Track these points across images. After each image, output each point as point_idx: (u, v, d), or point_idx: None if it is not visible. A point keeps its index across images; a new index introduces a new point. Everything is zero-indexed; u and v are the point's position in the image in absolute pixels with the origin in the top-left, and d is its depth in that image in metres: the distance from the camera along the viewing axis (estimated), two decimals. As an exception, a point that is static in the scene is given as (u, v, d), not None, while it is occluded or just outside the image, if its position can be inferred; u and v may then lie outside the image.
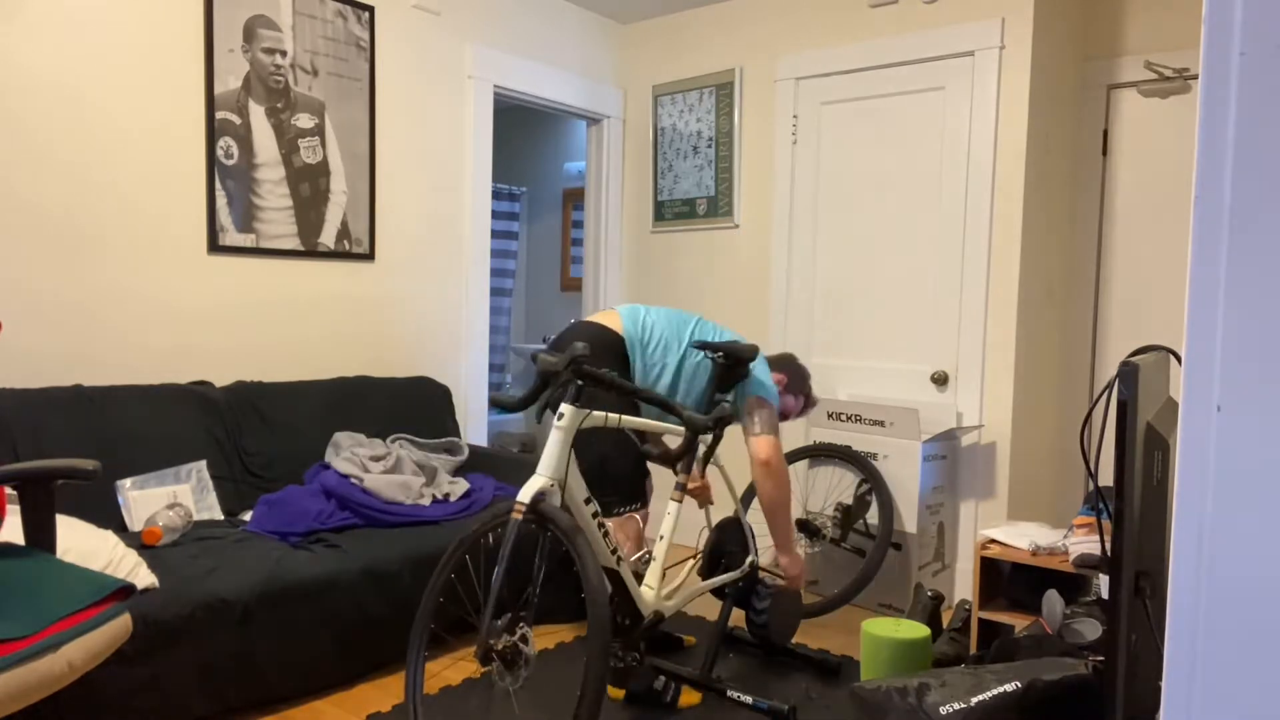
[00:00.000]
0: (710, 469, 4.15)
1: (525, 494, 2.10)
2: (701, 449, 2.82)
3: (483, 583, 2.72)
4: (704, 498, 2.97)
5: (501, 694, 2.57)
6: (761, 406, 2.73)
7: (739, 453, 4.13)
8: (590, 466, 2.71)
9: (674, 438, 3.09)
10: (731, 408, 2.47)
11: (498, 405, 2.19)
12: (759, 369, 2.84)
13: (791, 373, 3.07)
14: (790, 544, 2.79)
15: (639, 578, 2.55)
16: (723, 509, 4.15)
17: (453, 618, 2.73)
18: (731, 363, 2.69)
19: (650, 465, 3.05)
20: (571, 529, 2.06)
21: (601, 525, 2.30)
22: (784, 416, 3.06)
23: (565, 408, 2.17)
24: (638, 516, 2.73)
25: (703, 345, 2.70)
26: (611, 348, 2.71)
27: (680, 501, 2.59)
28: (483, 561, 2.67)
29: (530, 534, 2.80)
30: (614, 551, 2.33)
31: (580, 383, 2.17)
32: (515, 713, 2.45)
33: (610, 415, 2.28)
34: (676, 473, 2.65)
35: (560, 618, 3.16)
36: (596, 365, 2.66)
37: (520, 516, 2.08)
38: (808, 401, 3.12)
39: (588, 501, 2.26)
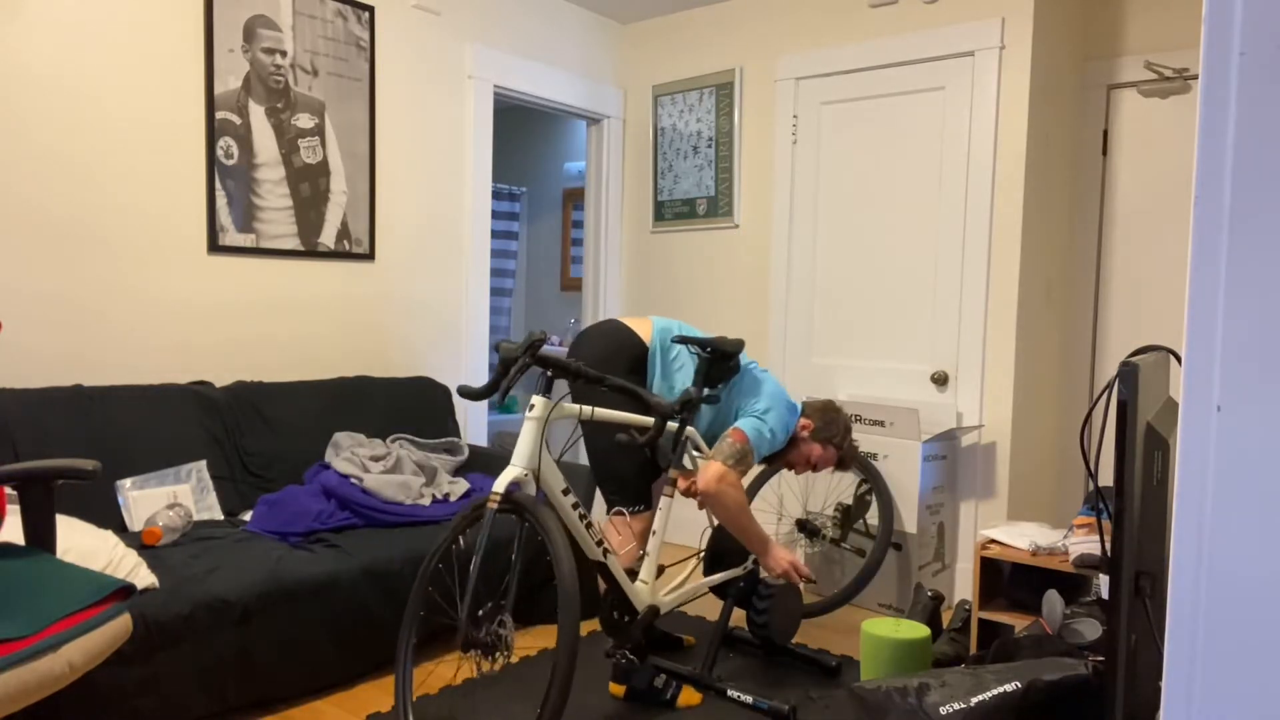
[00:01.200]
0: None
1: (500, 484, 2.13)
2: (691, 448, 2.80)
3: (461, 582, 2.73)
4: (688, 491, 2.95)
5: (500, 693, 2.57)
6: (734, 436, 2.59)
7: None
8: (597, 463, 2.71)
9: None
10: (696, 392, 2.45)
11: (464, 395, 2.21)
12: (763, 404, 2.70)
13: (823, 420, 2.82)
14: (763, 547, 2.69)
15: (633, 575, 2.55)
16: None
17: (440, 624, 2.73)
18: (715, 357, 2.68)
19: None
20: (542, 512, 2.09)
21: (584, 517, 2.30)
22: (810, 464, 2.83)
23: (536, 399, 2.19)
24: (643, 517, 2.73)
25: (685, 340, 2.70)
26: (629, 350, 2.71)
27: (671, 497, 2.59)
28: (456, 563, 2.67)
29: (508, 525, 2.81)
30: (600, 543, 2.33)
31: (549, 373, 2.20)
32: (511, 708, 2.45)
33: (584, 407, 2.30)
34: (666, 470, 2.65)
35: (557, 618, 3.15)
36: (606, 365, 2.67)
37: (495, 506, 2.10)
38: (842, 456, 2.85)
39: (566, 492, 2.27)
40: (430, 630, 2.76)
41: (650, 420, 2.48)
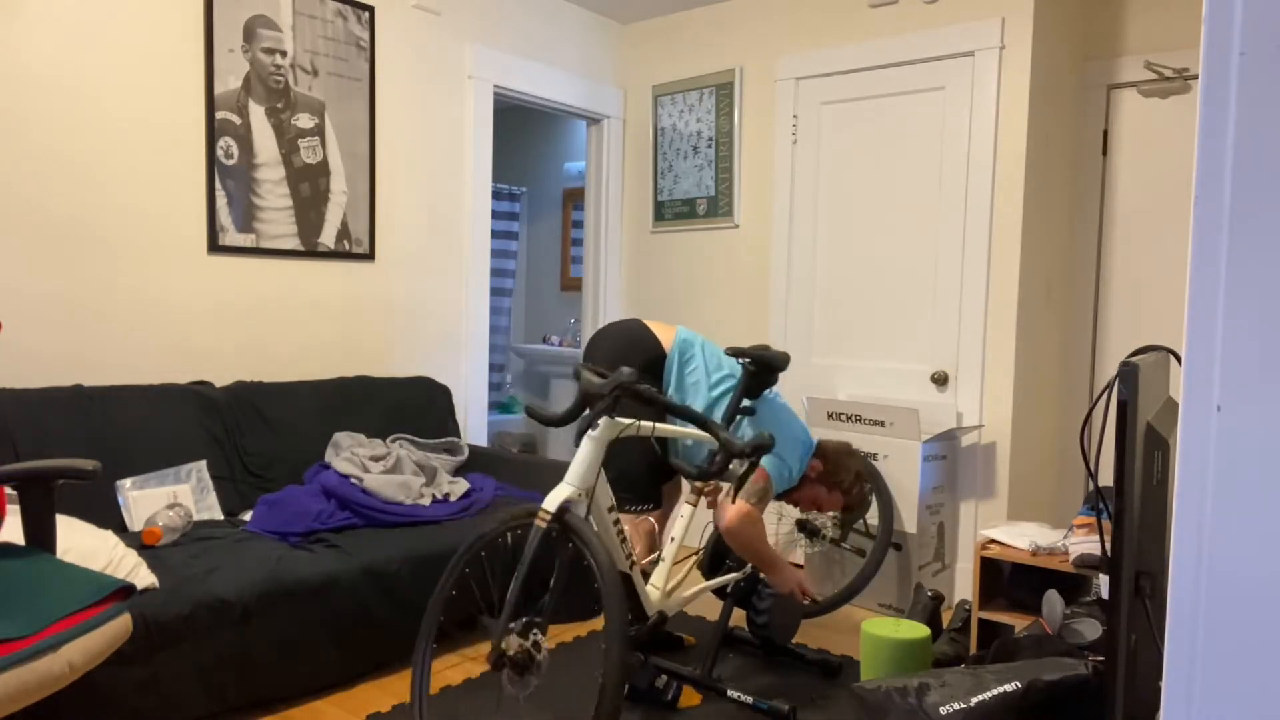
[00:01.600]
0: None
1: (551, 502, 2.07)
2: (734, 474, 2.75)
3: (495, 582, 2.72)
4: (712, 500, 2.96)
5: (510, 697, 2.57)
6: (758, 474, 2.59)
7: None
8: (610, 463, 2.71)
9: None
10: (770, 439, 2.38)
11: (536, 418, 2.15)
12: (781, 443, 2.67)
13: (834, 465, 2.79)
14: (774, 568, 2.68)
15: (645, 577, 2.55)
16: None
17: (460, 616, 2.73)
18: (761, 369, 2.67)
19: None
20: (594, 542, 2.00)
21: (620, 531, 2.30)
22: (815, 505, 2.83)
23: (602, 420, 2.14)
24: (651, 518, 2.73)
25: (736, 351, 2.69)
26: (645, 352, 2.71)
27: (695, 505, 2.59)
28: (485, 562, 2.66)
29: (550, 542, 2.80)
30: (628, 556, 2.34)
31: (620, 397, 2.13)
32: (521, 713, 2.45)
33: (643, 424, 2.25)
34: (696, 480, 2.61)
35: (562, 617, 3.16)
36: (619, 361, 2.66)
37: (544, 525, 2.05)
38: (847, 501, 2.81)
39: (611, 509, 2.25)
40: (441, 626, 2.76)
41: (699, 434, 2.45)
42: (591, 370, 2.18)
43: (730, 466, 2.52)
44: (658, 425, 2.29)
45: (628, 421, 2.20)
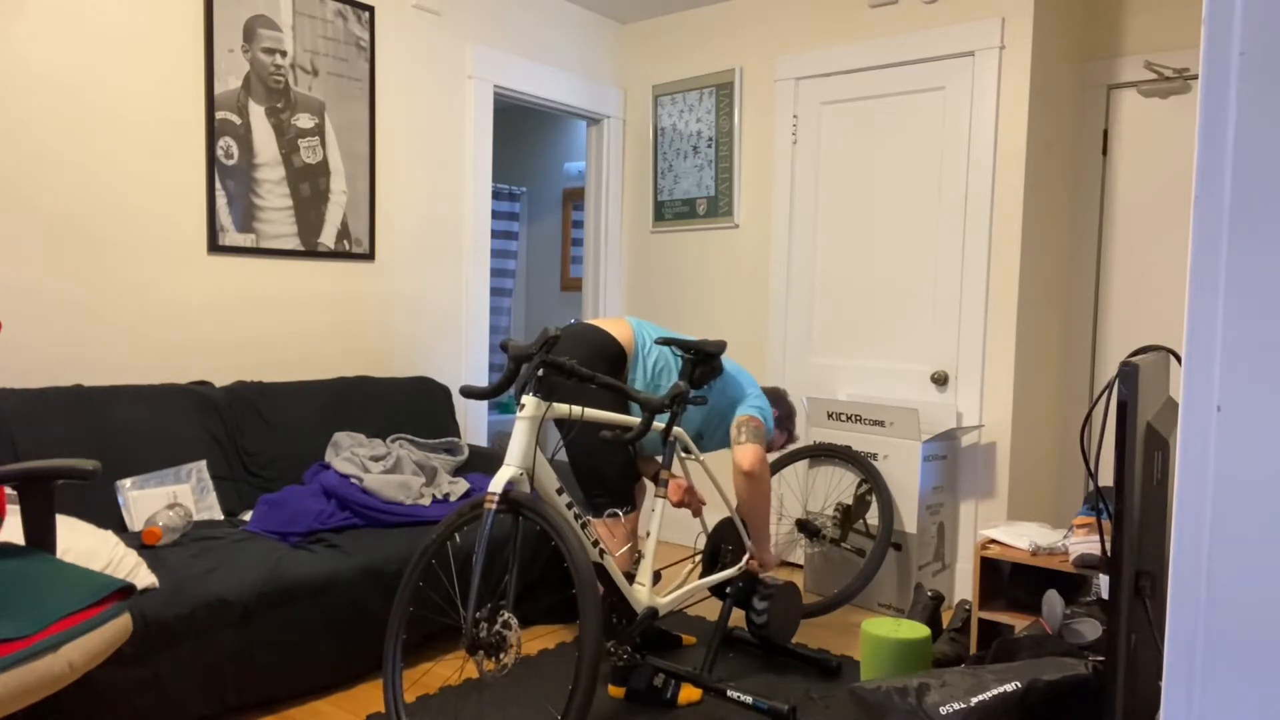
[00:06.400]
0: (700, 475, 4.15)
1: (496, 484, 2.13)
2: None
3: (456, 583, 2.73)
4: (694, 504, 2.95)
5: (498, 694, 2.57)
6: (750, 422, 2.76)
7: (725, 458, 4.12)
8: (581, 466, 2.70)
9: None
10: (686, 386, 2.50)
11: (470, 395, 2.20)
12: (752, 391, 2.85)
13: (783, 408, 3.11)
14: (766, 541, 2.86)
15: (630, 577, 2.55)
16: (718, 510, 4.15)
17: (439, 623, 2.73)
18: (699, 359, 2.71)
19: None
20: (546, 508, 2.11)
21: (579, 517, 2.30)
22: (767, 448, 3.04)
23: (527, 398, 2.19)
24: (631, 518, 2.73)
25: (668, 341, 2.71)
26: (606, 353, 2.71)
27: (663, 497, 2.59)
28: (443, 564, 2.68)
29: (502, 524, 2.82)
30: (595, 544, 2.34)
31: (540, 373, 2.21)
32: (510, 710, 2.45)
33: (574, 407, 2.30)
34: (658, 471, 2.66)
35: (556, 618, 3.16)
36: (588, 367, 2.67)
37: (493, 506, 2.10)
38: (789, 438, 3.17)
39: (560, 492, 2.27)
40: (429, 630, 2.76)
41: (636, 420, 2.48)
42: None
43: (668, 425, 2.57)
44: (586, 410, 2.35)
45: (552, 404, 2.24)
